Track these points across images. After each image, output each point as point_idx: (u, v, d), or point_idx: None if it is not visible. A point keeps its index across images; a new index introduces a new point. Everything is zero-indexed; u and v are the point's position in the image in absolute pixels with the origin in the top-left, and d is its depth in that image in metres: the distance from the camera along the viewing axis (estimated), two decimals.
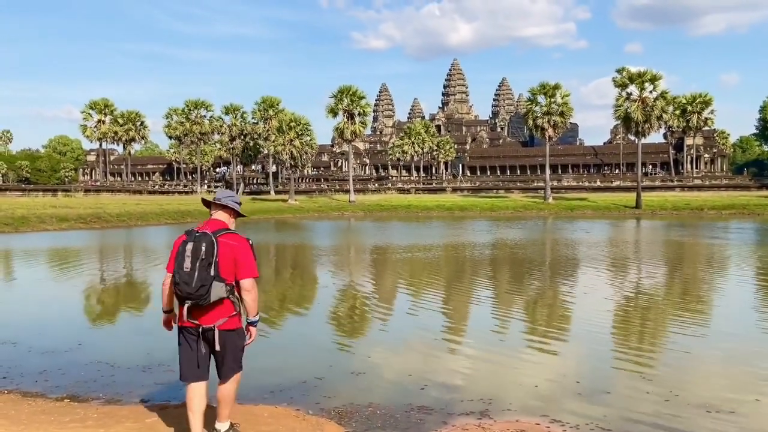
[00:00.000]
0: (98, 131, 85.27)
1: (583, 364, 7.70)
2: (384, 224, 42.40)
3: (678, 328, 9.59)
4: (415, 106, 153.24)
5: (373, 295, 13.42)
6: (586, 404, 5.99)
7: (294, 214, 56.38)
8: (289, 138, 69.39)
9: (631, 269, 17.57)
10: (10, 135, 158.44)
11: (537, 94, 65.27)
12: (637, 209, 56.27)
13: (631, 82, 59.84)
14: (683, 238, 28.70)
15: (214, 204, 4.74)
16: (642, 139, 62.25)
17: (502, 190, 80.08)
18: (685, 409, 5.90)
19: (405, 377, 6.95)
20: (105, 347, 8.24)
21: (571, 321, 10.50)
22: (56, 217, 36.43)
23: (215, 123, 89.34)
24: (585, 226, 38.11)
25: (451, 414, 5.69)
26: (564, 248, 23.48)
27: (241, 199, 5.06)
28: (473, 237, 29.60)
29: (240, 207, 4.81)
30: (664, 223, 40.74)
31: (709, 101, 73.65)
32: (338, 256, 21.94)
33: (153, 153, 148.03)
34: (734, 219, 45.25)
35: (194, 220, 44.94)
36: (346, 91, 67.48)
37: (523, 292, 13.71)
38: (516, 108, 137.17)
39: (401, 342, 8.88)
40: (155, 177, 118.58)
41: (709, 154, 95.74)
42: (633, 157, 77.42)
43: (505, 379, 6.96)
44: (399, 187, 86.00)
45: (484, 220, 47.06)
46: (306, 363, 7.45)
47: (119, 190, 78.56)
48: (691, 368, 7.46)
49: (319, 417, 5.54)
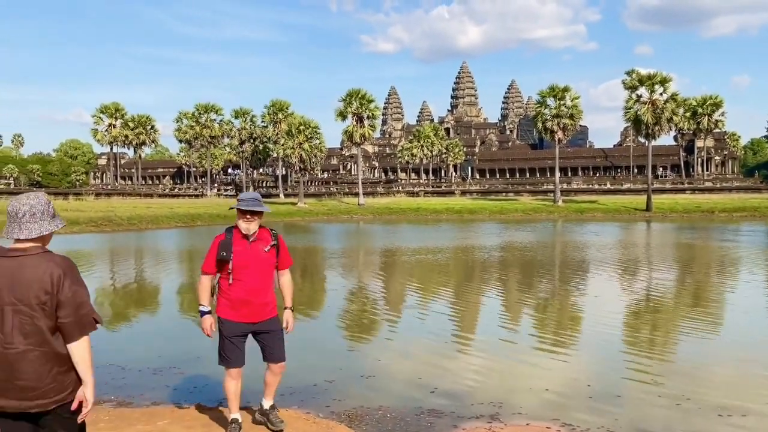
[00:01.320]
0: (109, 135, 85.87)
1: (594, 368, 7.66)
2: (393, 227, 42.39)
3: (689, 331, 9.54)
4: (424, 109, 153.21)
5: (383, 298, 13.42)
6: (597, 408, 5.96)
7: (303, 217, 56.49)
8: (298, 141, 69.55)
9: (641, 272, 17.47)
10: (22, 139, 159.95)
11: (546, 96, 65.04)
12: (647, 212, 55.97)
13: (641, 84, 59.55)
14: (694, 241, 28.52)
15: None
16: (652, 141, 61.96)
17: (511, 192, 79.87)
18: (696, 413, 5.86)
19: (415, 380, 6.94)
20: (116, 350, 8.27)
21: (582, 324, 10.46)
22: (67, 220, 36.16)
23: (225, 126, 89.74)
24: (595, 228, 37.94)
25: (461, 417, 5.68)
26: (574, 251, 23.39)
27: (241, 197, 5.12)
28: (482, 240, 29.54)
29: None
30: (675, 226, 40.51)
31: (720, 103, 73.23)
32: (347, 258, 21.95)
33: (163, 157, 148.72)
34: (745, 221, 44.92)
35: (204, 224, 45.10)
36: (355, 95, 67.57)
37: (533, 295, 13.66)
38: (525, 110, 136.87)
39: (411, 345, 8.86)
40: (165, 180, 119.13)
41: (720, 156, 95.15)
42: (643, 160, 77.06)
43: (515, 383, 6.94)
44: (408, 190, 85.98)
45: (494, 223, 46.96)
46: (316, 366, 7.45)
47: (130, 194, 78.97)
48: (702, 372, 7.40)
49: (330, 420, 5.54)
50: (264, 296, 4.89)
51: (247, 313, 4.84)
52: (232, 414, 5.05)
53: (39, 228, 2.87)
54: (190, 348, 8.31)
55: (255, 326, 4.91)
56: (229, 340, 4.89)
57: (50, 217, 2.96)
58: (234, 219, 4.97)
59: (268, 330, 4.93)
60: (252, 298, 4.83)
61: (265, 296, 4.90)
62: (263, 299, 4.88)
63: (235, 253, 4.79)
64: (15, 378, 2.57)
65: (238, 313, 4.84)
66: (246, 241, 4.83)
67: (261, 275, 4.86)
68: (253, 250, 4.83)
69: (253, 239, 4.85)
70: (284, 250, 5.03)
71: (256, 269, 4.83)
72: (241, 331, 4.89)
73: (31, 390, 2.72)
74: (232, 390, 5.00)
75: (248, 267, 4.80)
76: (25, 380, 2.68)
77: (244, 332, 4.91)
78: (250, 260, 4.81)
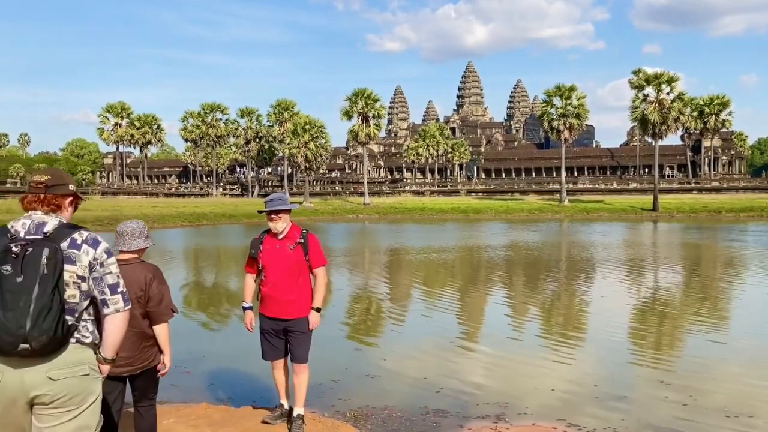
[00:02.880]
0: (115, 134, 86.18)
1: (601, 369, 7.64)
2: (398, 227, 42.37)
3: (696, 332, 9.50)
4: (430, 109, 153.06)
5: (388, 297, 13.42)
6: (603, 409, 5.94)
7: (309, 216, 56.52)
8: (303, 141, 69.55)
9: (648, 272, 17.42)
10: (28, 138, 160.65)
11: (552, 95, 64.86)
12: (653, 212, 55.78)
13: (647, 84, 59.34)
14: (701, 241, 28.42)
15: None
16: (659, 141, 61.74)
17: (517, 192, 79.76)
18: (703, 413, 5.83)
19: (420, 380, 6.93)
20: None
21: (588, 325, 10.43)
22: (74, 219, 36.41)
23: (231, 126, 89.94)
24: (601, 228, 37.85)
25: (467, 417, 5.67)
26: (580, 251, 23.33)
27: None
28: (488, 239, 29.50)
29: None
30: (682, 226, 40.37)
31: (727, 103, 72.92)
32: (353, 258, 21.95)
33: (169, 156, 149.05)
34: (752, 222, 44.73)
35: (210, 223, 45.18)
36: (361, 94, 67.55)
37: (539, 295, 13.64)
38: (531, 110, 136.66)
39: (417, 344, 8.86)
40: (171, 180, 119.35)
41: (727, 156, 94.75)
42: (650, 159, 76.80)
43: (521, 383, 6.93)
44: (413, 190, 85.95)
45: (499, 222, 46.89)
46: (321, 365, 7.44)
47: (136, 193, 79.23)
48: (709, 373, 7.37)
49: (335, 419, 5.54)
50: (289, 293, 4.99)
51: (276, 309, 5.02)
52: (280, 400, 5.35)
53: (136, 244, 4.11)
54: (196, 347, 8.33)
55: (285, 323, 5.04)
56: (262, 334, 5.15)
57: (144, 237, 4.16)
58: (237, 219, 5.00)
59: (294, 330, 5.05)
60: (277, 294, 4.99)
61: (290, 293, 5.00)
62: (288, 296, 4.99)
63: (263, 251, 5.05)
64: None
65: (269, 308, 5.06)
66: (275, 240, 5.04)
67: (286, 272, 4.98)
68: (280, 247, 5.01)
69: (282, 237, 5.02)
70: (314, 248, 5.09)
71: (281, 266, 4.98)
72: (271, 325, 5.07)
73: (126, 359, 3.81)
74: (275, 379, 5.32)
75: (274, 264, 4.99)
76: (123, 352, 3.37)
77: (275, 327, 5.07)
78: (276, 258, 4.99)
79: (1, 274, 2.60)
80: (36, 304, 2.57)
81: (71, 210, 3.03)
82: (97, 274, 2.79)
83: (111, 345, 2.88)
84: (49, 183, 2.84)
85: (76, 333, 2.77)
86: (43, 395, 2.64)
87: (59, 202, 2.88)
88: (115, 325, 2.85)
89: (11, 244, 2.65)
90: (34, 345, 2.58)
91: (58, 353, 2.69)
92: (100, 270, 2.79)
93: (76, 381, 2.71)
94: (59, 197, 2.88)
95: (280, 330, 5.07)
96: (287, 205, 5.02)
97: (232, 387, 6.52)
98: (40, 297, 2.57)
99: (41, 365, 2.65)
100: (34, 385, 2.63)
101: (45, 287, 2.58)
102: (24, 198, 2.86)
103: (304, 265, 5.04)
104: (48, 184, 2.84)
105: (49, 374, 2.66)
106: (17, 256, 2.61)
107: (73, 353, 2.74)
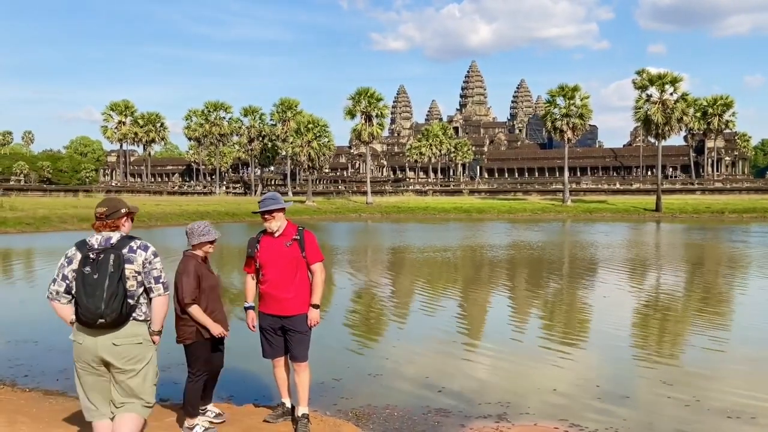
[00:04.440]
0: (118, 132, 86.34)
1: (603, 368, 7.63)
2: (401, 226, 42.36)
3: (699, 332, 9.48)
4: (433, 108, 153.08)
5: (391, 296, 13.41)
6: (605, 409, 5.94)
7: (311, 215, 56.53)
8: (306, 139, 69.56)
9: (651, 273, 17.39)
10: (32, 136, 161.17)
11: (556, 95, 64.77)
12: (656, 212, 55.70)
13: (651, 84, 59.25)
14: (704, 242, 28.37)
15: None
16: (662, 141, 61.62)
17: (519, 192, 79.67)
18: (706, 414, 5.82)
19: (422, 379, 6.93)
20: None
21: (591, 324, 10.41)
22: (77, 217, 36.78)
23: (234, 125, 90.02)
24: (604, 228, 37.79)
25: (469, 417, 5.67)
26: (583, 251, 23.31)
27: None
28: (491, 239, 29.48)
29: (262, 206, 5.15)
30: (685, 227, 40.29)
31: (731, 103, 72.81)
32: (355, 257, 21.95)
33: (172, 154, 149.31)
34: (755, 222, 44.63)
35: (213, 222, 45.18)
36: (364, 93, 67.52)
37: (542, 294, 13.62)
38: (534, 110, 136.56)
39: (419, 344, 8.85)
40: (174, 178, 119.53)
41: (730, 156, 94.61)
42: (653, 160, 76.68)
43: (524, 383, 6.92)
44: (416, 189, 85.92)
45: (502, 222, 46.85)
46: (323, 364, 7.44)
47: (139, 191, 79.33)
48: (712, 373, 7.36)
49: (337, 418, 5.54)
50: (286, 290, 5.04)
51: (274, 307, 5.07)
52: (282, 399, 5.39)
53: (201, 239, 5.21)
54: None
55: (283, 321, 5.07)
56: (262, 332, 5.19)
57: (208, 233, 5.19)
58: (240, 218, 5.04)
59: (292, 328, 5.08)
60: (274, 291, 5.04)
61: (288, 290, 5.04)
62: (285, 293, 5.04)
63: (260, 249, 5.11)
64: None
65: (267, 306, 5.11)
66: (271, 238, 5.10)
67: (283, 269, 5.03)
68: (276, 245, 5.07)
69: (278, 235, 5.08)
70: (310, 244, 5.14)
71: (278, 264, 5.04)
72: (270, 322, 5.11)
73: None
74: (276, 378, 5.37)
75: (271, 262, 5.05)
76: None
77: (273, 324, 5.10)
78: (272, 255, 5.05)
79: (84, 273, 3.81)
80: (107, 292, 3.77)
81: (129, 224, 4.12)
82: (147, 269, 3.97)
83: (156, 320, 4.06)
84: (106, 213, 3.97)
85: (134, 312, 3.95)
86: (110, 356, 3.88)
87: (117, 224, 4.01)
88: (158, 305, 4.03)
89: (89, 252, 3.86)
90: (108, 320, 3.79)
91: (122, 326, 3.90)
92: (148, 266, 3.98)
93: (132, 347, 3.94)
94: (116, 220, 4.00)
95: (278, 327, 5.09)
96: (280, 204, 5.06)
97: (233, 386, 6.52)
98: (110, 287, 3.78)
99: (109, 334, 3.88)
100: (103, 348, 3.87)
101: (113, 280, 3.79)
102: (94, 224, 4.02)
103: (301, 261, 5.07)
104: (106, 214, 3.97)
105: (114, 341, 3.89)
106: (93, 260, 3.83)
107: (132, 327, 3.95)
